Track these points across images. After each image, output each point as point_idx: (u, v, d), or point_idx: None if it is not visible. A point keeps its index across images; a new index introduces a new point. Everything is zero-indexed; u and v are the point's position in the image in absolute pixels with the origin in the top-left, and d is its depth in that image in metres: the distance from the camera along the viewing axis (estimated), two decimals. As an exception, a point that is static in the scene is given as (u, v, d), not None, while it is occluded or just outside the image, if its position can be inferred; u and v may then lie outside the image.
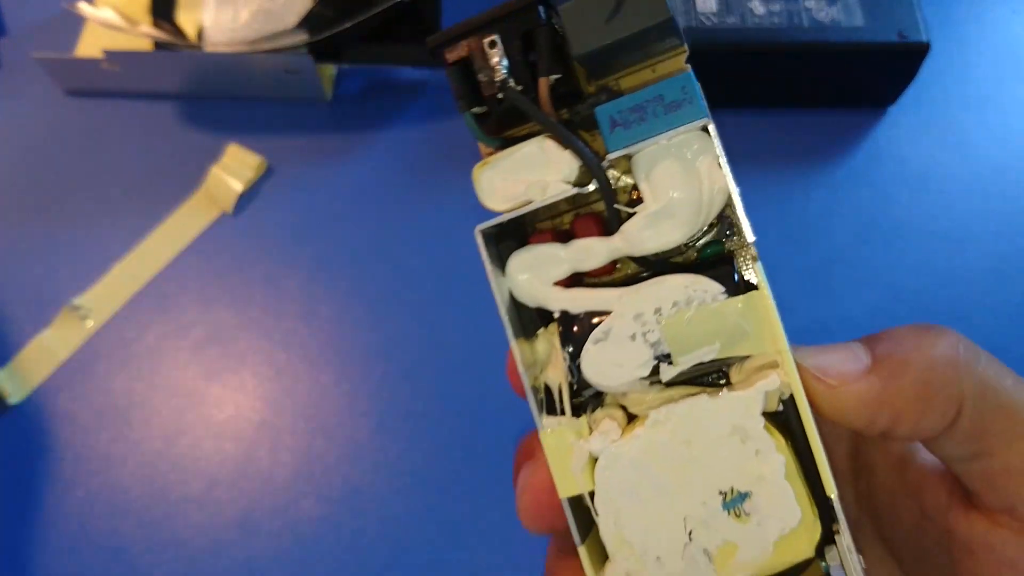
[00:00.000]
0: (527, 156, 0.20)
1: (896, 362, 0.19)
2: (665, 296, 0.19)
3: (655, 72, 0.20)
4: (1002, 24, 0.51)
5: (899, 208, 0.45)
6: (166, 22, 0.48)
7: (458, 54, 0.20)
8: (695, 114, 0.19)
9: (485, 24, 0.20)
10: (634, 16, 0.18)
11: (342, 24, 0.44)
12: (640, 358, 0.19)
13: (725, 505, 0.19)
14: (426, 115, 0.48)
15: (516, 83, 0.20)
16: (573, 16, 0.19)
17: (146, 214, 0.45)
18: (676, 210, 0.19)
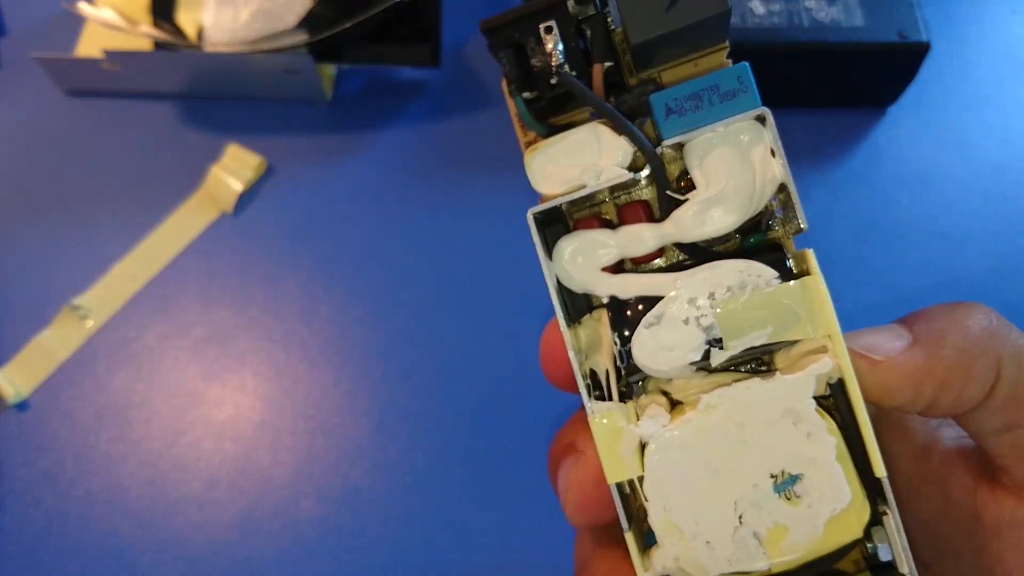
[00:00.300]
0: (580, 141, 0.20)
1: (936, 335, 0.20)
2: (720, 281, 0.19)
3: (697, 66, 0.21)
4: (1002, 24, 0.52)
5: (899, 208, 0.45)
6: (166, 22, 0.48)
7: (512, 38, 0.20)
8: (750, 103, 0.19)
9: (542, 9, 0.20)
10: (694, 6, 0.19)
11: (342, 24, 0.44)
12: (692, 342, 0.19)
13: (776, 488, 0.19)
14: (426, 115, 0.48)
15: (571, 67, 0.20)
16: (631, 4, 0.19)
17: (146, 214, 0.45)
18: (729, 197, 0.19)
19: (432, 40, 0.46)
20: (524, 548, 0.37)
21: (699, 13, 0.19)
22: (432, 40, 0.46)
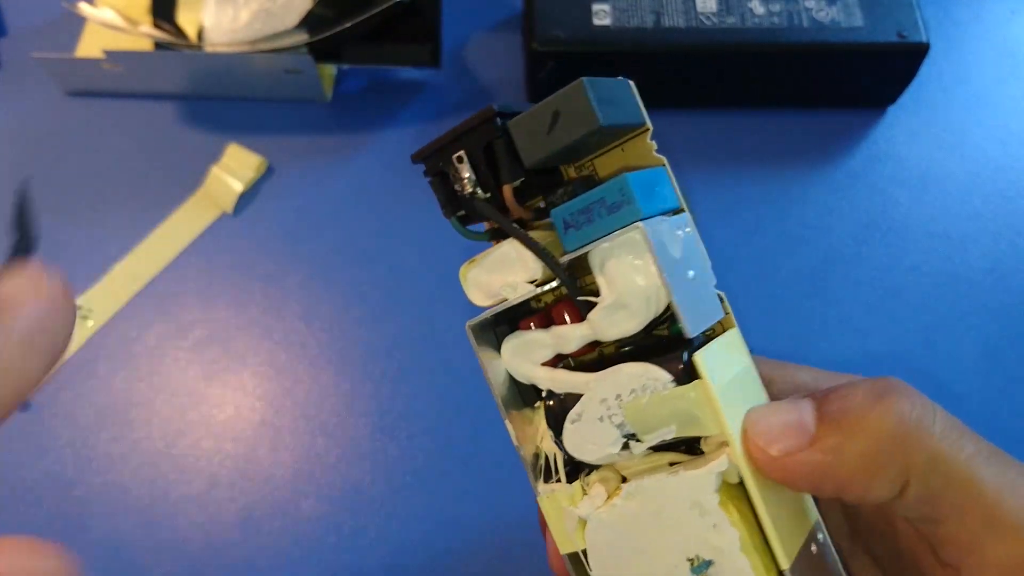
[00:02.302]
0: (503, 256, 0.22)
1: (842, 432, 0.19)
2: (623, 384, 0.20)
3: (624, 151, 0.22)
4: (1002, 24, 0.52)
5: (899, 208, 0.45)
6: (166, 22, 0.48)
7: (437, 167, 0.23)
8: (632, 215, 0.20)
9: (451, 141, 0.22)
10: (569, 127, 0.20)
11: (342, 24, 0.44)
12: (610, 437, 0.21)
13: (694, 570, 0.20)
14: (426, 115, 0.48)
15: (484, 191, 0.22)
16: (519, 131, 0.21)
17: (146, 214, 0.45)
18: (627, 302, 0.20)
19: (432, 40, 0.46)
20: (524, 548, 0.37)
21: (574, 133, 0.20)
22: (432, 40, 0.46)
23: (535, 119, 0.20)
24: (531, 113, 0.20)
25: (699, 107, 0.48)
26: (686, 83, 0.47)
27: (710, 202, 0.45)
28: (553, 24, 0.44)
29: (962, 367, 0.41)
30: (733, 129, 0.48)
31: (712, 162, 0.47)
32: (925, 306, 0.42)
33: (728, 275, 0.43)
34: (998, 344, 0.41)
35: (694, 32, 0.44)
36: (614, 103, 0.20)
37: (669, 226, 0.20)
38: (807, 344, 0.41)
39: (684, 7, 0.44)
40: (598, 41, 0.44)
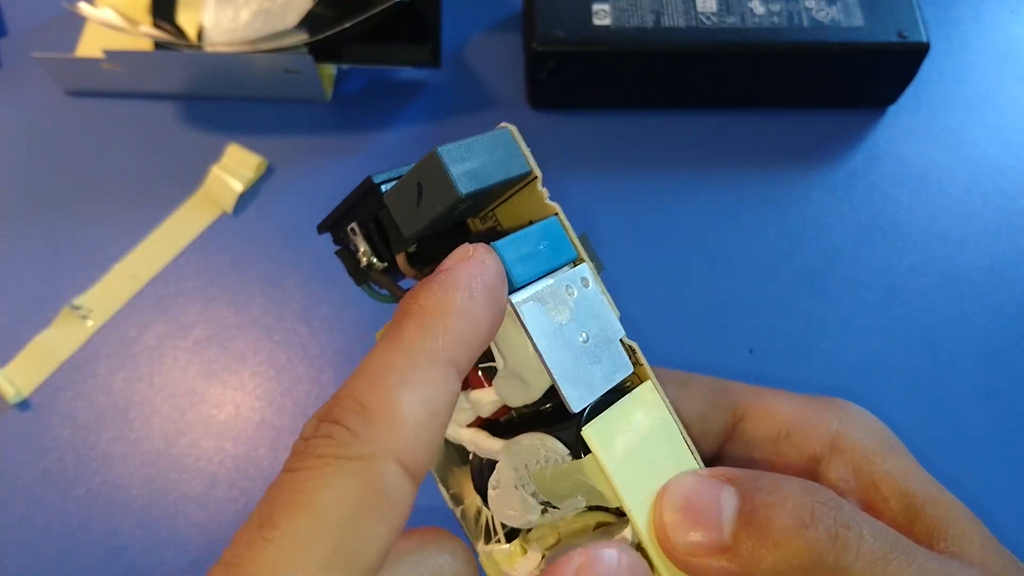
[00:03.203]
0: None
1: (761, 546, 0.18)
2: (527, 454, 0.20)
3: (519, 200, 0.21)
4: (1002, 24, 0.52)
5: (899, 208, 0.45)
6: (166, 22, 0.48)
7: (340, 238, 0.23)
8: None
9: (343, 213, 0.22)
10: (433, 200, 0.19)
11: (342, 24, 0.44)
12: (528, 505, 0.21)
13: None
14: (426, 115, 0.48)
15: (380, 260, 0.22)
16: (393, 203, 0.20)
17: (146, 214, 0.45)
18: (520, 372, 0.20)
19: (432, 40, 0.46)
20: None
21: (438, 206, 0.19)
22: (432, 40, 0.46)
23: (403, 192, 0.20)
24: (399, 186, 0.20)
25: (699, 107, 0.48)
26: (686, 83, 0.47)
27: (710, 202, 0.45)
28: (553, 24, 0.44)
29: (962, 367, 0.41)
30: (733, 129, 0.48)
31: (712, 162, 0.47)
32: (925, 306, 0.42)
33: (728, 275, 0.43)
34: (998, 344, 0.41)
35: (694, 32, 0.44)
36: (481, 164, 0.19)
37: (554, 287, 0.19)
38: (807, 344, 0.41)
39: (684, 7, 0.44)
40: (598, 41, 0.44)
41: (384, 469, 0.16)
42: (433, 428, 0.17)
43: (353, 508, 0.15)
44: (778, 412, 0.23)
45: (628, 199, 0.46)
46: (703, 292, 0.43)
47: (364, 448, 0.16)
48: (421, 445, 0.16)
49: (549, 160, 0.49)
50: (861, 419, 0.23)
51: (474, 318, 0.18)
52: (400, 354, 0.17)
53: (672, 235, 0.44)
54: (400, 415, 0.16)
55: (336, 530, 0.15)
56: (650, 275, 0.43)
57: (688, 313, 0.42)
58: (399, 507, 0.16)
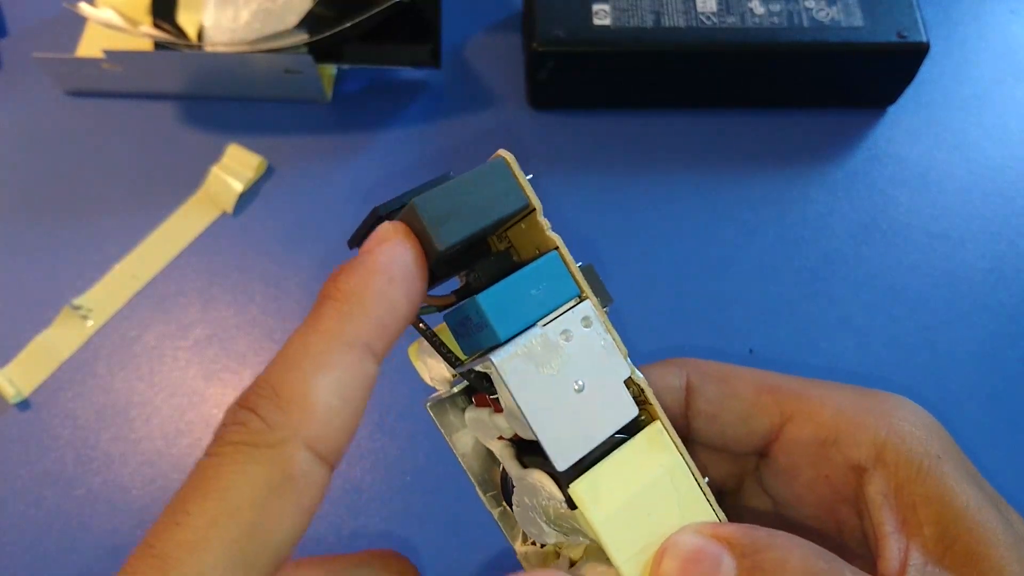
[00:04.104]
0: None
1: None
2: (532, 490, 0.20)
3: (526, 227, 0.20)
4: (1001, 24, 0.52)
5: (899, 208, 0.45)
6: (166, 22, 0.48)
7: None
8: (490, 339, 0.19)
9: (355, 242, 0.22)
10: (424, 247, 0.18)
11: (342, 24, 0.44)
12: (544, 528, 0.21)
13: None
14: (426, 115, 0.48)
15: None
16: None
17: (146, 214, 0.45)
18: (516, 416, 0.19)
19: (432, 40, 0.46)
20: (524, 548, 0.37)
21: (431, 255, 0.18)
22: (432, 40, 0.46)
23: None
24: None
25: (699, 107, 0.48)
26: (686, 83, 0.47)
27: (710, 202, 0.45)
28: (553, 24, 0.44)
29: (962, 367, 0.41)
30: (733, 129, 0.48)
31: (712, 162, 0.47)
32: (925, 306, 0.42)
33: (728, 275, 0.43)
34: (998, 344, 0.41)
35: (694, 32, 0.44)
36: (470, 208, 0.18)
37: (545, 336, 0.18)
38: (807, 344, 0.41)
39: (684, 7, 0.44)
40: (598, 41, 0.44)
41: (294, 455, 0.16)
42: (346, 414, 0.17)
43: (263, 493, 0.16)
44: (825, 415, 0.22)
45: (628, 199, 0.46)
46: (703, 292, 0.43)
47: (275, 435, 0.16)
48: (333, 431, 0.17)
49: (549, 160, 0.49)
50: (912, 425, 0.21)
51: (393, 303, 0.18)
52: (316, 338, 0.17)
53: (672, 235, 0.44)
54: (312, 401, 0.17)
55: (246, 513, 0.16)
56: (650, 275, 0.43)
57: (688, 313, 0.42)
58: (310, 492, 0.17)
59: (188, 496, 0.16)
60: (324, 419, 0.17)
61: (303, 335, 0.18)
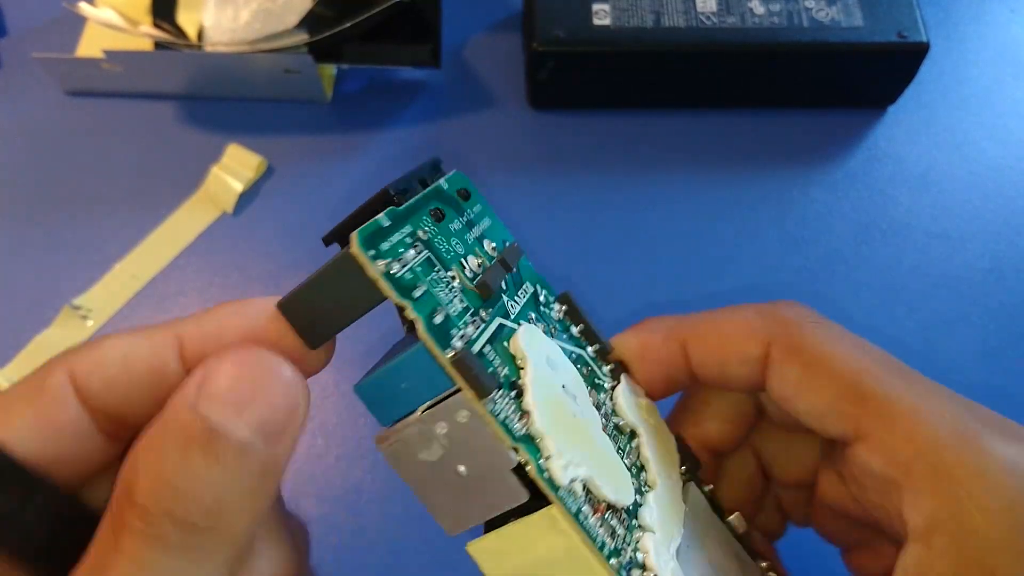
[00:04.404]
0: None
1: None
2: None
3: None
4: (1001, 24, 0.52)
5: (899, 208, 0.45)
6: (166, 22, 0.48)
7: None
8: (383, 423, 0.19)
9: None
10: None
11: (342, 24, 0.44)
12: None
13: None
14: (426, 115, 0.48)
15: None
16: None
17: (146, 214, 0.45)
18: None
19: (432, 40, 0.46)
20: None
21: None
22: (432, 40, 0.46)
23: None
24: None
25: (699, 107, 0.48)
26: (686, 83, 0.47)
27: (710, 202, 0.45)
28: (553, 24, 0.44)
29: (962, 367, 0.41)
30: (733, 129, 0.48)
31: (712, 162, 0.47)
32: (925, 306, 0.42)
33: (728, 275, 0.43)
34: (998, 344, 0.41)
35: (694, 32, 0.44)
36: (328, 308, 0.18)
37: (424, 427, 0.18)
38: (807, 344, 0.41)
39: (684, 7, 0.44)
40: (598, 41, 0.44)
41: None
42: None
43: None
44: (902, 453, 0.18)
45: (628, 199, 0.46)
46: (703, 292, 0.43)
47: None
48: None
49: (549, 160, 0.49)
50: (985, 517, 0.17)
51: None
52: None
53: (672, 235, 0.44)
54: None
55: None
56: (650, 275, 0.43)
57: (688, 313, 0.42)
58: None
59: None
60: None
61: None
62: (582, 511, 0.19)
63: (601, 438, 0.21)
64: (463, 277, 0.19)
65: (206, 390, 0.15)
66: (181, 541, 0.15)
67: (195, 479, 0.15)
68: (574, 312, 0.23)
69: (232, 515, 0.15)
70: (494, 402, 0.18)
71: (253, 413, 0.16)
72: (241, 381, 0.16)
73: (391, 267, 0.18)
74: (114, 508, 0.15)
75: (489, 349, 0.19)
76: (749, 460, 0.25)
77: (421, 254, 0.19)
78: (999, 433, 0.18)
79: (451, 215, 0.21)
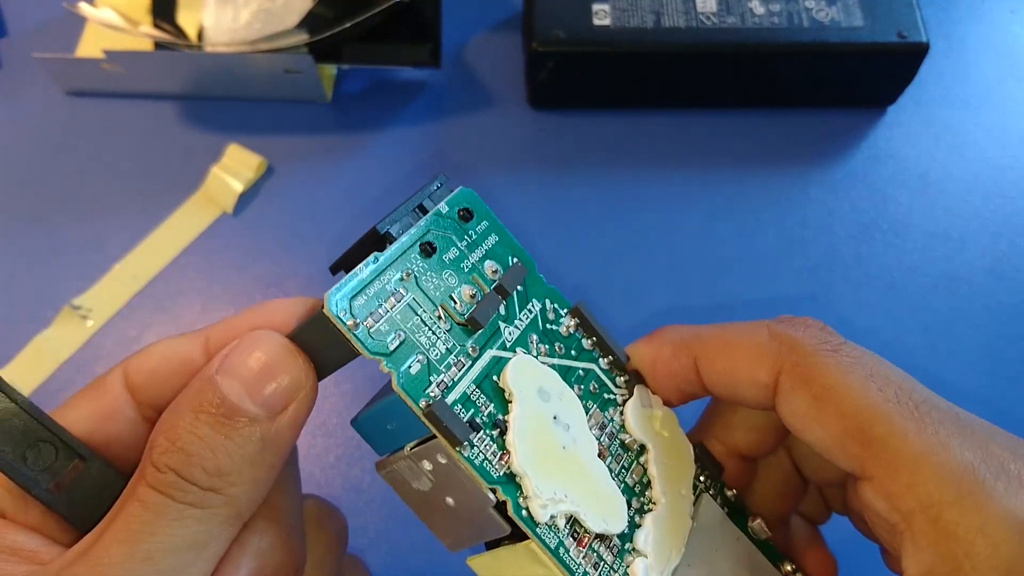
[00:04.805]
0: None
1: None
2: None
3: None
4: (1002, 24, 0.52)
5: (899, 208, 0.45)
6: (166, 22, 0.48)
7: None
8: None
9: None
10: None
11: (342, 24, 0.44)
12: None
13: None
14: (426, 115, 0.48)
15: None
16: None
17: (146, 214, 0.45)
18: None
19: (432, 40, 0.46)
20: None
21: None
22: (432, 40, 0.46)
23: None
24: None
25: (699, 107, 0.48)
26: (686, 83, 0.47)
27: (710, 202, 0.45)
28: (553, 24, 0.44)
29: (962, 367, 0.41)
30: (733, 129, 0.48)
31: (712, 162, 0.47)
32: (925, 306, 0.42)
33: (728, 275, 0.43)
34: (998, 344, 0.41)
35: (694, 32, 0.44)
36: (313, 357, 0.19)
37: (412, 463, 0.19)
38: (807, 344, 0.41)
39: (684, 7, 0.44)
40: (598, 41, 0.44)
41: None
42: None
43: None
44: (905, 503, 0.18)
45: (628, 199, 0.46)
46: (703, 292, 0.43)
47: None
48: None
49: (549, 160, 0.49)
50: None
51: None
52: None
53: (672, 235, 0.44)
54: None
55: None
56: (650, 275, 0.43)
57: (688, 313, 0.42)
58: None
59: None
60: None
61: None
62: (563, 544, 0.19)
63: (595, 466, 0.21)
64: (452, 313, 0.20)
65: (223, 365, 0.18)
66: (185, 497, 0.17)
67: (202, 443, 0.17)
68: (586, 324, 0.23)
69: (232, 480, 0.17)
70: (472, 445, 0.19)
71: (259, 387, 0.18)
72: (252, 359, 0.18)
73: (366, 322, 0.18)
74: (139, 466, 0.18)
75: (474, 389, 0.19)
76: (784, 459, 0.25)
77: (402, 301, 0.19)
78: (1009, 481, 0.17)
79: (446, 244, 0.20)
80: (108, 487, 0.19)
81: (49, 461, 0.18)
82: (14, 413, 0.18)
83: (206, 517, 0.17)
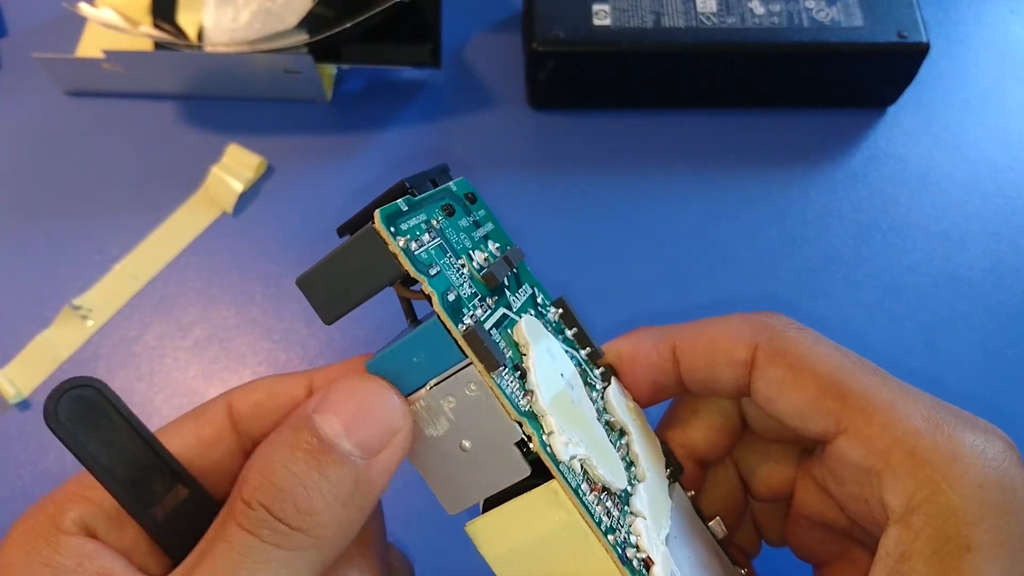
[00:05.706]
0: None
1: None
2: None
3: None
4: (1002, 24, 0.52)
5: (899, 208, 0.45)
6: (166, 22, 0.48)
7: None
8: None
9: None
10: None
11: (342, 24, 0.44)
12: None
13: None
14: (426, 115, 0.48)
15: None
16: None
17: (146, 214, 0.45)
18: None
19: (432, 40, 0.46)
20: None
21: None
22: (432, 40, 0.46)
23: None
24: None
25: (699, 107, 0.48)
26: (686, 83, 0.47)
27: (710, 202, 0.45)
28: (553, 24, 0.44)
29: (962, 367, 0.41)
30: (733, 129, 0.48)
31: (712, 162, 0.47)
32: (925, 306, 0.42)
33: (728, 275, 0.43)
34: (998, 344, 0.41)
35: (694, 32, 0.44)
36: (344, 284, 0.20)
37: (428, 401, 0.19)
38: (807, 344, 0.41)
39: (684, 7, 0.44)
40: (598, 41, 0.44)
41: None
42: None
43: None
44: (880, 441, 0.20)
45: (628, 199, 0.46)
46: (703, 292, 0.43)
47: None
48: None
49: (549, 160, 0.49)
50: (960, 492, 0.18)
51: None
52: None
53: (672, 235, 0.44)
54: None
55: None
56: (650, 275, 0.43)
57: (688, 313, 0.42)
58: None
59: None
60: None
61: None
62: (581, 488, 0.19)
63: (597, 425, 0.21)
64: (471, 267, 0.20)
65: (321, 403, 0.18)
66: (272, 537, 0.17)
67: (295, 479, 0.17)
68: (569, 316, 0.24)
69: (321, 520, 0.17)
70: (501, 377, 0.19)
71: (356, 429, 0.18)
72: (351, 401, 0.18)
73: (409, 244, 0.19)
74: (229, 500, 0.18)
75: (495, 333, 0.20)
76: (730, 473, 0.27)
77: (435, 239, 0.20)
78: (966, 424, 0.20)
79: (460, 213, 0.22)
80: (205, 516, 0.19)
81: (155, 485, 0.18)
82: (129, 436, 0.18)
83: (292, 560, 0.17)
